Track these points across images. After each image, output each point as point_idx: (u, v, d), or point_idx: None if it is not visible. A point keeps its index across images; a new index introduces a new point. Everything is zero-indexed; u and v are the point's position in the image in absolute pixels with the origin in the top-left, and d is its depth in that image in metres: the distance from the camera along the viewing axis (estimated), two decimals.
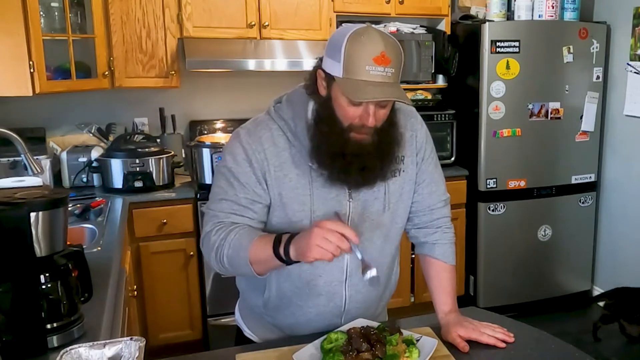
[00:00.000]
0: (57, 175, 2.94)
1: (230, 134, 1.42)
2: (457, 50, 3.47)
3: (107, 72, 2.90)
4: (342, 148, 1.26)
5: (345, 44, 1.19)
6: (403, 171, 1.41)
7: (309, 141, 1.31)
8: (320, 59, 1.29)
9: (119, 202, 2.64)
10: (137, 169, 2.85)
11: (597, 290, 3.72)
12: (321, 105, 1.29)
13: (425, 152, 1.46)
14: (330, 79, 1.24)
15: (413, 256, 3.23)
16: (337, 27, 3.27)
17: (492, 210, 3.40)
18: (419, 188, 1.47)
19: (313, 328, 1.42)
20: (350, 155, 1.26)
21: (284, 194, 1.34)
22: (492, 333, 1.38)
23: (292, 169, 1.33)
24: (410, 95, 3.46)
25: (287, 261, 1.22)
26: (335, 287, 1.41)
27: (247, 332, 1.57)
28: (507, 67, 3.24)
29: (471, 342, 1.36)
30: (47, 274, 1.21)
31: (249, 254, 1.26)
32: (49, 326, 1.21)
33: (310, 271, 1.39)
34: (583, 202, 3.58)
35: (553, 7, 3.26)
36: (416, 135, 1.44)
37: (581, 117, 3.44)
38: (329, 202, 1.35)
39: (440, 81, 3.59)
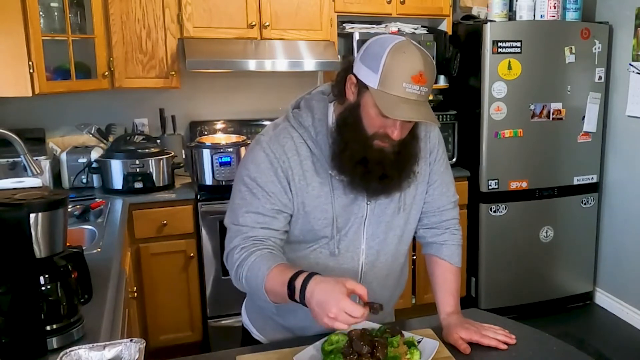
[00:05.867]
0: (56, 176, 2.94)
1: (231, 135, 1.41)
2: (459, 51, 3.46)
3: (107, 73, 2.90)
4: (364, 154, 1.26)
5: (386, 56, 1.18)
6: (417, 172, 1.41)
7: (330, 147, 1.30)
8: (349, 62, 1.28)
9: (118, 203, 2.63)
10: (137, 169, 2.84)
11: (599, 292, 3.71)
12: (348, 110, 1.28)
13: (438, 153, 1.46)
14: (362, 86, 1.23)
15: (414, 257, 3.22)
16: (337, 28, 3.27)
17: (494, 212, 3.39)
18: (430, 189, 1.47)
19: (325, 330, 1.41)
20: (372, 163, 1.26)
21: (307, 203, 1.33)
22: (494, 335, 1.37)
23: (314, 177, 1.33)
24: None
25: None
26: None
27: (256, 335, 1.55)
28: (509, 67, 3.23)
29: (472, 344, 1.35)
30: (46, 276, 1.20)
31: (265, 282, 1.24)
32: (48, 328, 1.21)
33: (324, 272, 1.38)
34: (585, 203, 3.57)
35: (555, 7, 3.25)
36: (429, 136, 1.45)
37: (583, 118, 3.43)
38: (349, 208, 1.36)
39: (442, 82, 3.58)
